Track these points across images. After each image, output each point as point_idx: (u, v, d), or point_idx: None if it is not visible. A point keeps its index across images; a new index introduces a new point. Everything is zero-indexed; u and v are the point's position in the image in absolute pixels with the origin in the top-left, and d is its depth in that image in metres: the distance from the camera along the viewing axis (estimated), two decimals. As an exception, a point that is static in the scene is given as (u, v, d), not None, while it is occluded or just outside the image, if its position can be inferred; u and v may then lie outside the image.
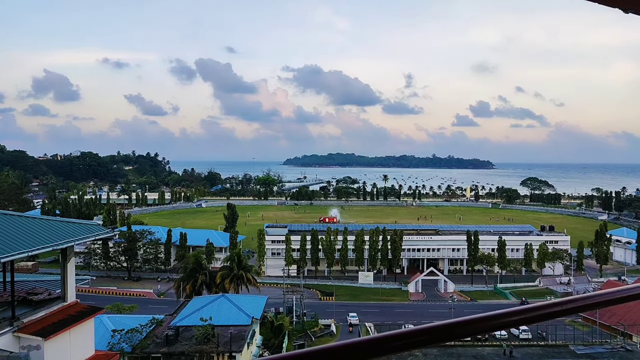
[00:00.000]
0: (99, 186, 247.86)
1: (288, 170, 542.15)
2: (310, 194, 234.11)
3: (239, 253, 68.57)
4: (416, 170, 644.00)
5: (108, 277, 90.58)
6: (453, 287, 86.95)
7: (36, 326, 16.28)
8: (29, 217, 18.10)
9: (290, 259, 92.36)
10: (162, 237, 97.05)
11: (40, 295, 17.81)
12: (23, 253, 14.83)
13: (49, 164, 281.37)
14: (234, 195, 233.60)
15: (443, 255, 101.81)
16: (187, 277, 64.00)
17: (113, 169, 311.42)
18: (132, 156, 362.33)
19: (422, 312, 73.39)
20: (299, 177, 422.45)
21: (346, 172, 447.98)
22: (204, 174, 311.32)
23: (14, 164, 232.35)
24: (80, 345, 18.14)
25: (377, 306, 76.82)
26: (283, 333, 53.77)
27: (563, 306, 1.91)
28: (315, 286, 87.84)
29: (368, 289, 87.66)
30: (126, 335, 38.73)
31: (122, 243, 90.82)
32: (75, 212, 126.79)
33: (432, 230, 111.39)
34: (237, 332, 42.46)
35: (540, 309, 1.89)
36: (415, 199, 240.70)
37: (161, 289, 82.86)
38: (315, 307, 72.29)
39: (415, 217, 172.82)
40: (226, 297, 50.33)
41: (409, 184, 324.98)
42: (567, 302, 1.92)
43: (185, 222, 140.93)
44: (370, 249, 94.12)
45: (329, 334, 62.03)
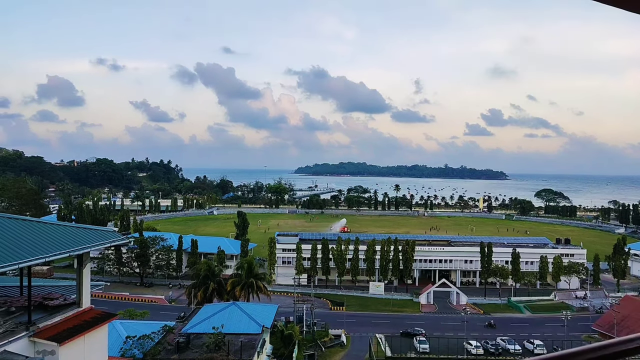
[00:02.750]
0: (114, 192, 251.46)
1: (299, 178, 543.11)
2: (321, 203, 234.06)
3: (250, 261, 68.65)
4: (428, 180, 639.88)
5: (121, 283, 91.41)
6: (466, 300, 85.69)
7: (51, 331, 16.47)
8: (46, 223, 18.41)
9: (301, 268, 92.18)
10: (174, 243, 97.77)
11: (56, 301, 18.03)
12: (41, 259, 15.07)
13: (65, 170, 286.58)
14: (245, 203, 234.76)
15: (455, 266, 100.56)
16: (199, 284, 64.26)
17: (127, 176, 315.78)
18: (145, 163, 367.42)
19: (434, 324, 72.39)
20: (310, 186, 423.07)
21: (357, 181, 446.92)
22: (216, 182, 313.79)
23: (31, 170, 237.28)
24: (94, 350, 18.28)
25: (388, 317, 76.02)
26: (293, 343, 53.47)
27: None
28: (326, 296, 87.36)
29: (379, 299, 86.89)
30: (138, 342, 38.96)
31: (134, 249, 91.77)
32: (90, 217, 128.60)
33: (444, 241, 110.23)
34: (248, 340, 42.37)
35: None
36: (427, 209, 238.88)
37: (173, 296, 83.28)
38: (325, 316, 71.83)
39: (427, 228, 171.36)
40: (237, 305, 50.32)
41: (420, 194, 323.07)
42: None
43: (197, 229, 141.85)
44: (381, 259, 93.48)
45: (340, 344, 61.52)
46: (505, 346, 60.51)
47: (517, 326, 72.78)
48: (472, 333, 65.27)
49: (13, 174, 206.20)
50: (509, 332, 68.37)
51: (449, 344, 59.92)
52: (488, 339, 62.86)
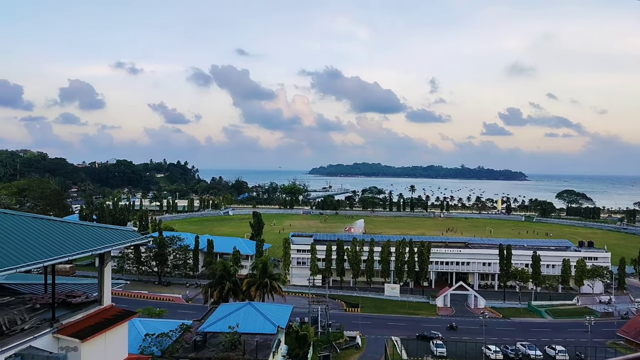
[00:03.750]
0: (133, 193, 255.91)
1: (314, 179, 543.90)
2: (335, 204, 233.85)
3: (264, 261, 69.02)
4: (444, 181, 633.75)
5: (140, 282, 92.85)
6: (484, 303, 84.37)
7: (74, 328, 16.88)
8: (69, 223, 18.89)
9: (316, 269, 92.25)
10: (190, 243, 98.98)
11: (78, 298, 18.49)
12: (65, 257, 15.48)
13: (87, 171, 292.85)
14: (260, 204, 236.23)
15: (473, 269, 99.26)
16: (215, 284, 64.90)
17: (146, 177, 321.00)
18: (163, 164, 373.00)
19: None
20: (325, 187, 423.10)
21: (372, 182, 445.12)
22: (231, 182, 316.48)
23: (54, 171, 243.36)
24: (115, 347, 18.66)
25: (404, 319, 75.44)
26: (308, 343, 53.52)
27: None
28: (341, 297, 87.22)
29: (394, 301, 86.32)
30: (157, 340, 39.57)
31: (153, 249, 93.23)
32: (111, 217, 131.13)
33: (461, 242, 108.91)
34: (263, 340, 42.62)
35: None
36: (443, 210, 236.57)
37: (189, 295, 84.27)
38: (340, 318, 71.71)
39: (443, 229, 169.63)
40: (252, 305, 50.65)
41: (436, 194, 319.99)
42: None
43: (213, 229, 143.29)
44: (396, 261, 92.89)
45: (355, 346, 61.31)
46: (525, 351, 59.39)
47: (538, 331, 71.40)
48: (490, 337, 64.31)
49: (38, 175, 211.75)
50: (529, 337, 67.05)
51: (466, 348, 59.10)
52: (507, 344, 61.83)
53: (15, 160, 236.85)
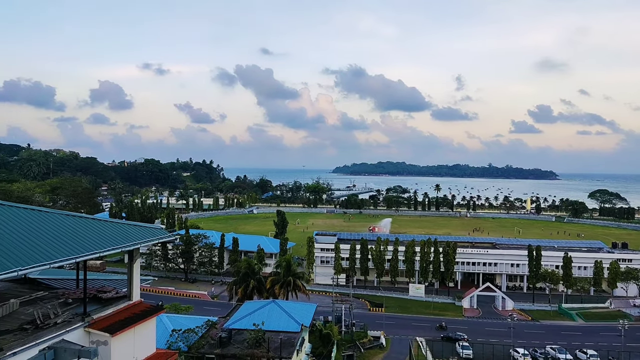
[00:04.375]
0: (160, 191, 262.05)
1: (337, 178, 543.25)
2: (359, 203, 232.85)
3: (289, 260, 69.32)
4: (471, 180, 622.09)
5: (167, 278, 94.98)
6: (512, 305, 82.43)
7: (104, 322, 17.29)
8: (100, 220, 19.38)
9: (339, 268, 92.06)
10: (216, 241, 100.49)
11: (108, 294, 18.94)
12: (96, 254, 15.86)
13: (116, 170, 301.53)
14: (284, 203, 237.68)
15: (501, 270, 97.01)
16: (240, 281, 65.60)
17: (173, 175, 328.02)
18: (189, 163, 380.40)
19: (477, 329, 70.16)
20: (349, 186, 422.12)
21: (396, 181, 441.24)
22: (256, 181, 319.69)
23: (86, 170, 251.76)
24: (143, 342, 19.03)
25: (429, 320, 74.41)
26: (332, 342, 53.43)
27: None
28: (364, 296, 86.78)
29: (419, 301, 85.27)
30: (183, 335, 40.32)
31: (180, 246, 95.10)
32: (139, 215, 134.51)
33: (488, 243, 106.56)
34: (287, 338, 42.78)
35: None
36: (470, 210, 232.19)
37: (215, 292, 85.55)
38: (364, 317, 71.33)
39: (469, 229, 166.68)
40: (276, 303, 50.93)
41: (462, 194, 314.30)
42: None
43: (238, 228, 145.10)
44: (421, 261, 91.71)
45: (379, 346, 60.87)
46: (555, 355, 57.61)
47: (569, 334, 69.17)
48: (519, 340, 62.69)
49: (70, 174, 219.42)
50: (559, 340, 65.10)
51: (494, 350, 57.81)
52: (537, 347, 60.14)
53: (48, 159, 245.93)
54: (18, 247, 14.07)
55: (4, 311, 16.30)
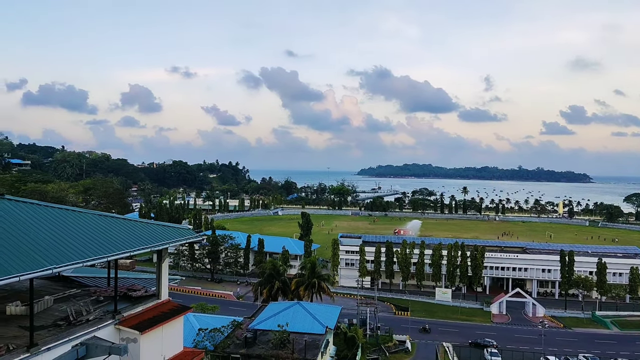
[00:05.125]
0: (187, 192, 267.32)
1: (362, 180, 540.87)
2: (384, 205, 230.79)
3: (313, 261, 69.31)
4: (499, 183, 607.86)
5: (193, 278, 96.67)
6: (543, 312, 79.88)
7: (134, 320, 17.66)
8: (130, 220, 19.84)
9: (364, 270, 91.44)
10: (241, 242, 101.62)
11: (138, 292, 19.35)
12: (127, 253, 16.23)
13: (145, 171, 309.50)
14: (308, 204, 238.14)
15: (531, 275, 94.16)
16: (265, 282, 66.06)
17: (199, 177, 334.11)
18: (216, 165, 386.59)
19: (506, 335, 68.23)
20: (374, 188, 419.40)
21: (423, 183, 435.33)
22: (281, 183, 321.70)
23: (117, 171, 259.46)
24: (171, 341, 19.33)
25: (456, 325, 72.93)
26: (356, 345, 53.04)
27: None
28: (390, 300, 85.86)
29: (446, 306, 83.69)
30: (209, 334, 40.88)
31: (206, 246, 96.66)
32: (167, 215, 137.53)
33: (518, 247, 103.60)
34: (312, 340, 42.74)
35: None
36: (499, 213, 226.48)
37: (240, 292, 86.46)
38: (389, 321, 70.56)
39: (498, 233, 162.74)
40: (301, 305, 50.98)
41: (491, 197, 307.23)
42: None
43: (263, 229, 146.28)
44: (448, 265, 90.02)
45: (404, 350, 60.03)
46: (588, 364, 55.43)
47: (603, 343, 66.41)
48: (550, 348, 60.63)
49: (102, 175, 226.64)
50: (592, 349, 62.62)
51: (524, 358, 56.13)
52: (569, 355, 58.00)
53: (81, 161, 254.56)
54: (53, 245, 14.53)
55: (39, 307, 16.87)
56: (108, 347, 15.70)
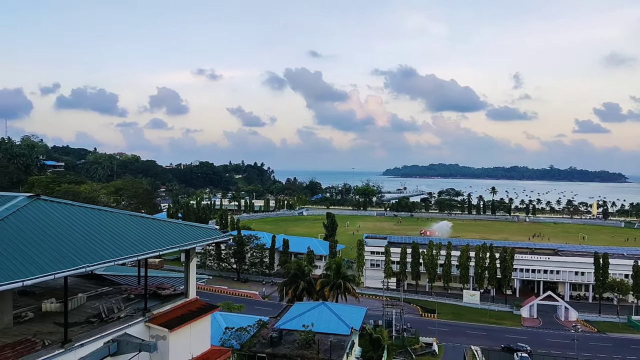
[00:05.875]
0: (214, 193, 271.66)
1: (387, 180, 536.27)
2: (410, 206, 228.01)
3: (339, 262, 69.13)
4: (530, 183, 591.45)
5: (220, 277, 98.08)
6: (576, 315, 77.24)
7: (163, 318, 17.99)
8: (159, 220, 20.23)
9: (390, 272, 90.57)
10: (267, 242, 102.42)
11: (167, 290, 19.71)
12: (156, 252, 16.55)
13: (173, 172, 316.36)
14: (333, 205, 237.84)
15: (563, 278, 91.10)
16: (290, 282, 66.33)
17: (225, 177, 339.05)
18: (241, 165, 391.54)
19: (537, 339, 66.19)
20: (399, 188, 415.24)
21: (449, 183, 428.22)
22: (305, 183, 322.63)
23: (146, 172, 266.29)
24: (199, 338, 19.59)
25: (485, 329, 71.27)
26: (382, 347, 52.55)
27: None
28: (416, 301, 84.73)
29: (474, 309, 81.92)
30: (236, 333, 41.32)
31: (232, 246, 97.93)
32: (194, 215, 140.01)
33: (550, 249, 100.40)
34: (337, 341, 42.59)
35: None
36: (529, 214, 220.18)
37: (266, 292, 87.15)
38: (415, 323, 69.61)
39: (529, 235, 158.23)
40: (326, 305, 50.92)
41: (521, 197, 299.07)
42: None
43: (288, 229, 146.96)
44: (476, 267, 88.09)
45: (431, 353, 59.06)
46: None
47: (639, 349, 63.51)
48: (583, 353, 58.46)
49: (131, 176, 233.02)
50: (628, 354, 60.18)
51: (555, 363, 54.31)
52: (604, 362, 55.76)
53: (112, 162, 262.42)
54: (86, 244, 14.94)
55: (73, 305, 17.40)
56: (138, 344, 16.02)
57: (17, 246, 13.26)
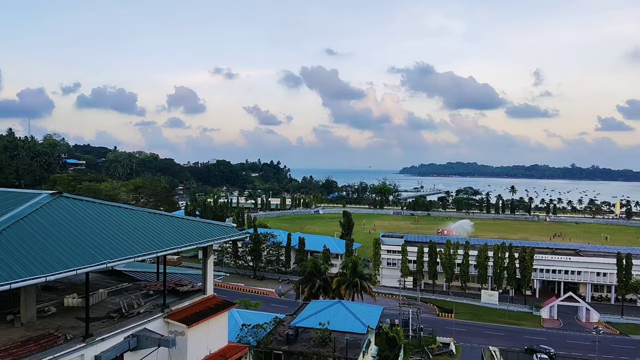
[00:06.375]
0: (230, 191, 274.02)
1: (404, 179, 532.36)
2: (427, 205, 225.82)
3: (355, 260, 68.92)
4: (550, 182, 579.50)
5: (237, 275, 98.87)
6: (597, 317, 75.44)
7: (181, 314, 18.21)
8: (178, 218, 20.48)
9: (406, 271, 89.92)
10: (283, 240, 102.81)
11: (185, 287, 19.94)
12: (175, 249, 16.76)
13: (191, 171, 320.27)
14: (349, 203, 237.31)
15: (585, 279, 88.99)
16: (306, 280, 66.45)
17: (242, 176, 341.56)
18: (257, 164, 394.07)
19: (557, 341, 64.80)
20: (416, 187, 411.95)
21: (467, 182, 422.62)
22: (321, 182, 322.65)
23: (164, 171, 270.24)
24: (216, 334, 19.79)
25: (503, 329, 70.13)
26: (398, 346, 52.20)
27: None
28: (433, 301, 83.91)
29: (492, 309, 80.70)
30: (252, 330, 41.60)
31: (249, 244, 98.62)
32: (211, 213, 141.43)
33: (571, 249, 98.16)
34: (353, 339, 42.47)
35: None
36: (550, 213, 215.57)
37: (282, 289, 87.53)
38: (432, 322, 68.96)
39: (549, 234, 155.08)
40: (342, 304, 50.81)
41: (541, 196, 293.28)
42: None
43: (304, 227, 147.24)
44: (494, 266, 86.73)
45: (448, 353, 58.44)
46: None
47: (666, 354, 61.58)
48: (605, 355, 57.03)
49: (150, 174, 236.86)
50: (655, 359, 58.14)
51: (577, 365, 53.09)
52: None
53: (131, 160, 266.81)
54: (107, 241, 15.21)
55: (94, 300, 17.74)
56: (157, 339, 16.26)
57: (40, 242, 13.57)
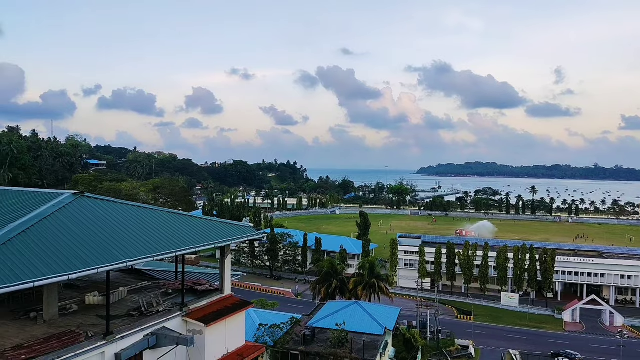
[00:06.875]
0: (247, 191, 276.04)
1: (422, 179, 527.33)
2: (445, 205, 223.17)
3: (372, 261, 68.53)
4: (572, 182, 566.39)
5: (254, 274, 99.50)
6: (622, 321, 73.35)
7: (200, 313, 18.33)
8: (196, 218, 20.62)
9: (424, 272, 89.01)
10: (299, 240, 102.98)
11: (203, 286, 20.07)
12: (193, 248, 16.88)
13: (209, 171, 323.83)
14: (366, 204, 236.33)
15: (609, 281, 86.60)
16: (322, 281, 66.37)
17: (259, 176, 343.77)
18: (274, 164, 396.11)
19: (580, 345, 63.18)
20: (434, 187, 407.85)
21: (486, 182, 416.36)
22: (338, 182, 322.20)
23: (182, 171, 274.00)
24: (234, 334, 19.85)
25: (524, 332, 68.78)
26: (416, 348, 51.65)
27: None
28: (451, 303, 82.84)
29: (512, 312, 79.24)
30: (269, 330, 41.71)
31: (266, 244, 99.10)
32: (229, 213, 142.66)
33: (594, 251, 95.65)
34: (370, 340, 42.17)
35: None
36: (572, 214, 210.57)
37: (299, 290, 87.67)
38: (450, 325, 68.08)
39: (571, 236, 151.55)
40: (359, 305, 50.53)
41: (563, 197, 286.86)
42: None
43: (320, 228, 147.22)
44: (515, 268, 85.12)
45: (467, 356, 57.59)
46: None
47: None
48: (630, 361, 55.36)
49: (169, 174, 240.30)
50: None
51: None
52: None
53: (151, 161, 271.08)
54: (127, 240, 15.40)
55: (114, 298, 18.01)
56: (176, 338, 16.39)
57: (63, 241, 13.81)
